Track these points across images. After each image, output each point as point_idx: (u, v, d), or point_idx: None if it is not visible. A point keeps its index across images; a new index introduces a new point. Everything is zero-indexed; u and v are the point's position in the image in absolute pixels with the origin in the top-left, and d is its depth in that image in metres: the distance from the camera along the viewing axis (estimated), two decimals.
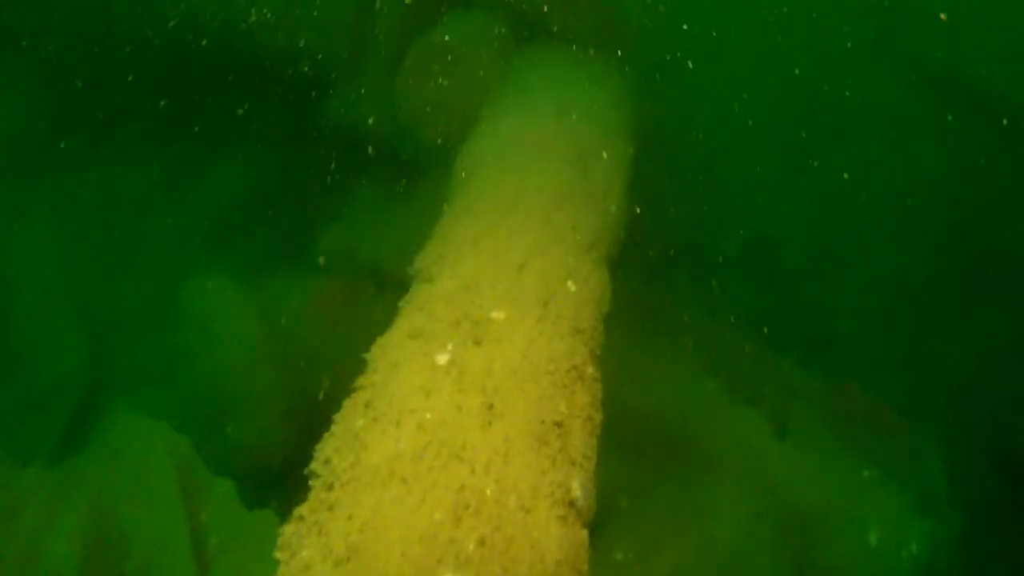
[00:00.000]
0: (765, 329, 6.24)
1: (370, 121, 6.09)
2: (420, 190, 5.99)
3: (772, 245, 7.01)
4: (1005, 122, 7.22)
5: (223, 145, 6.97)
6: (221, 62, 6.49)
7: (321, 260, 5.92)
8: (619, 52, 5.66)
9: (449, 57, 5.12)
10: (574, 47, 5.51)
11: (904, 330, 6.95)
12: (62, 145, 7.03)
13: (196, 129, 6.96)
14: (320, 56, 6.16)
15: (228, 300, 5.75)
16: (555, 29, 5.47)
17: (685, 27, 6.65)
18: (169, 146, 7.06)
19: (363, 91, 6.06)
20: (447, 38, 5.11)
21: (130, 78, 6.72)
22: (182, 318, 5.78)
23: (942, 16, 7.38)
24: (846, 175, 7.33)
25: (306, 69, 6.30)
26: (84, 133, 7.19)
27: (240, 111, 6.73)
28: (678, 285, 6.35)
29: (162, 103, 6.78)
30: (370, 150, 6.26)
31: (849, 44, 7.54)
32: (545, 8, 5.45)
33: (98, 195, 7.12)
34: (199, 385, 5.58)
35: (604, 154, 4.21)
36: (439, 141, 5.32)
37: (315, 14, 6.05)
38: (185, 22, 6.46)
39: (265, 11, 6.19)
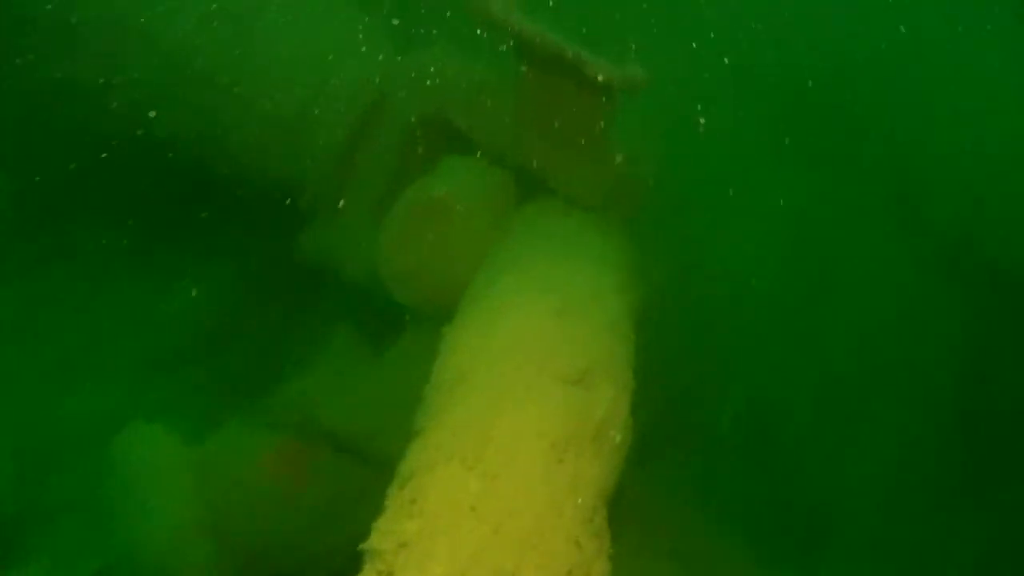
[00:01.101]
0: (758, 528, 5.49)
1: (347, 264, 5.35)
2: (396, 348, 5.23)
3: (769, 422, 6.27)
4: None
5: (183, 264, 6.20)
6: (194, 176, 5.76)
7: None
8: (625, 219, 4.99)
9: (442, 214, 4.39)
10: (579, 211, 4.80)
11: (908, 528, 6.22)
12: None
13: (155, 244, 6.21)
14: (301, 185, 5.44)
15: (165, 455, 4.93)
16: (560, 189, 4.76)
17: (693, 188, 6.03)
18: (125, 258, 6.27)
19: (343, 230, 5.32)
20: (442, 193, 4.38)
21: (96, 183, 5.97)
22: (112, 471, 4.95)
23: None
24: (850, 345, 6.65)
25: (285, 196, 5.57)
26: (42, 234, 6.41)
27: (208, 229, 6.00)
28: (662, 472, 5.59)
29: (123, 212, 6.05)
30: (344, 293, 5.52)
31: (862, 206, 6.92)
32: (552, 166, 4.74)
33: (44, 301, 6.31)
34: (123, 555, 4.73)
35: (610, 368, 3.47)
36: (423, 305, 4.59)
37: (303, 141, 5.34)
38: (163, 131, 5.72)
39: (251, 130, 5.47)
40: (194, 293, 6.15)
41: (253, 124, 5.42)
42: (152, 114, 5.67)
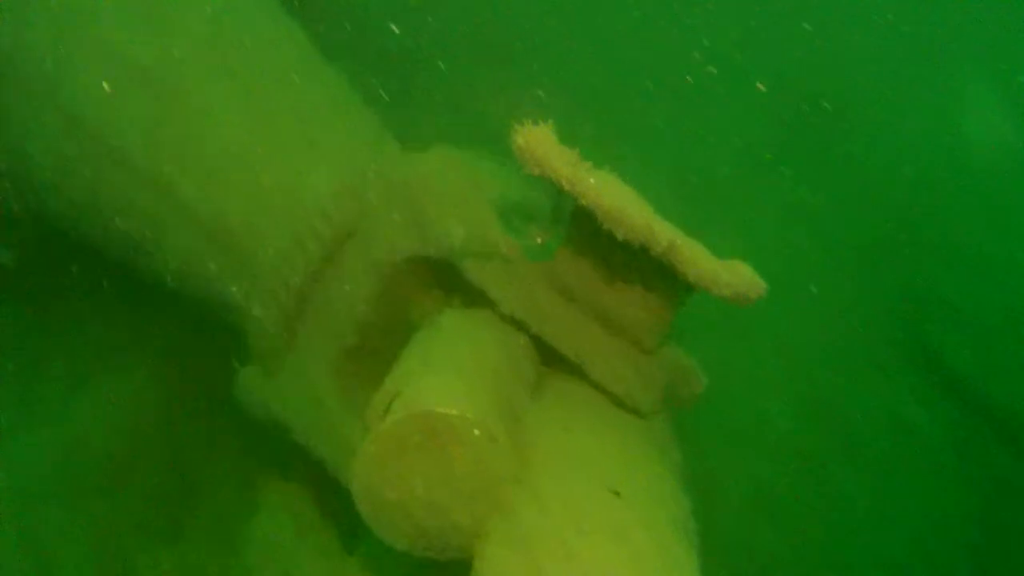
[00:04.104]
0: None
1: (292, 422, 3.67)
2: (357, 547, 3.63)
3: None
4: None
5: (89, 375, 4.41)
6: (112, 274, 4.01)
7: None
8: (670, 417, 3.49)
9: (449, 437, 2.76)
10: (620, 410, 3.24)
11: None
12: None
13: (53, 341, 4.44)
14: (245, 314, 3.70)
15: None
16: (604, 386, 3.17)
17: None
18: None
19: (292, 382, 3.63)
20: (452, 411, 2.75)
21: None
22: None
23: None
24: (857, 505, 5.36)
25: (224, 321, 3.83)
26: None
27: (125, 337, 4.28)
28: None
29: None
30: (285, 448, 3.85)
31: (873, 355, 5.60)
32: (596, 356, 3.15)
33: None
34: None
35: None
36: (417, 551, 2.97)
37: (250, 262, 3.59)
38: (72, 215, 3.92)
39: (185, 237, 3.69)
40: (102, 409, 4.39)
41: (187, 229, 3.66)
42: (58, 191, 3.86)
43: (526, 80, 5.55)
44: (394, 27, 4.91)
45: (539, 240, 3.16)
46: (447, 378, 2.99)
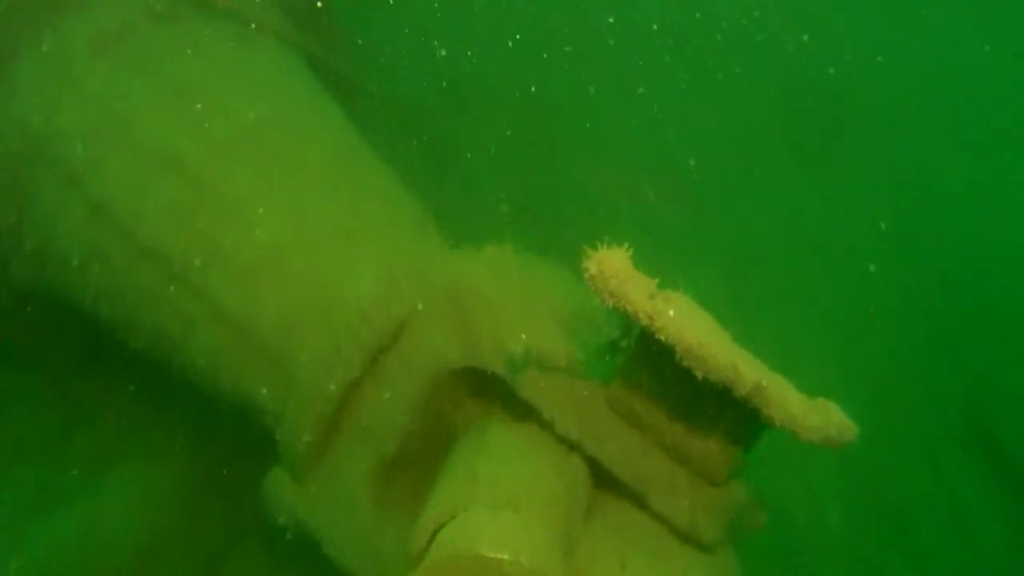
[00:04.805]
0: None
1: (323, 535, 3.37)
2: None
3: None
4: None
5: (110, 464, 4.15)
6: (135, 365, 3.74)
7: None
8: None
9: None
10: (681, 543, 2.92)
11: None
12: None
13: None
14: (276, 418, 3.41)
15: None
16: (665, 516, 2.85)
17: None
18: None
19: (325, 492, 3.34)
20: (502, 555, 2.45)
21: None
22: None
23: None
24: None
25: (254, 422, 3.55)
26: None
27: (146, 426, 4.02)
28: None
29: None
30: (313, 563, 3.56)
31: (932, 448, 5.26)
32: (658, 485, 2.85)
33: None
34: None
35: None
36: None
37: (284, 366, 3.31)
38: (92, 302, 3.65)
39: (213, 336, 3.42)
40: (123, 498, 4.12)
41: (216, 326, 3.39)
42: (83, 276, 3.62)
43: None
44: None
45: (605, 357, 2.87)
46: (498, 512, 2.70)
